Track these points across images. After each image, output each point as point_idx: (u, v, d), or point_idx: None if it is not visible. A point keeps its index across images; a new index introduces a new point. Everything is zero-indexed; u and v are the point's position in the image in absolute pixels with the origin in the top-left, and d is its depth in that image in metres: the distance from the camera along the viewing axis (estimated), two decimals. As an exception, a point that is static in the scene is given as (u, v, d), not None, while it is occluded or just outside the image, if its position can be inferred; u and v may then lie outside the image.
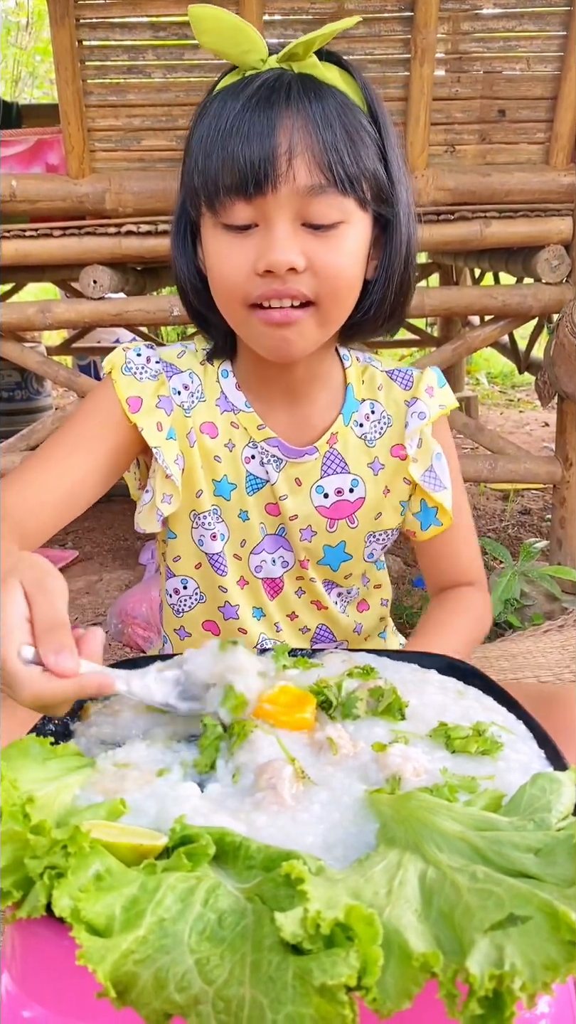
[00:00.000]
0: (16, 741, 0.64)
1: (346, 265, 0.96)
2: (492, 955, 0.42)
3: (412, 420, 1.13)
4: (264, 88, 0.91)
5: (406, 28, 2.02)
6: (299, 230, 0.92)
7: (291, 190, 0.90)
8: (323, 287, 0.95)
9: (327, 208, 0.92)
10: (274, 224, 0.91)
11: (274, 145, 0.89)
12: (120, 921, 0.47)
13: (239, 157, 0.90)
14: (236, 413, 1.11)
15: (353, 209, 0.94)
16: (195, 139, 0.96)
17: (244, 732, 0.67)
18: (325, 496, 1.13)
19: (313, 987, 0.42)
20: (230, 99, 0.93)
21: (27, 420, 3.57)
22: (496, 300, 2.18)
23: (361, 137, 0.93)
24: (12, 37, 8.94)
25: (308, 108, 0.90)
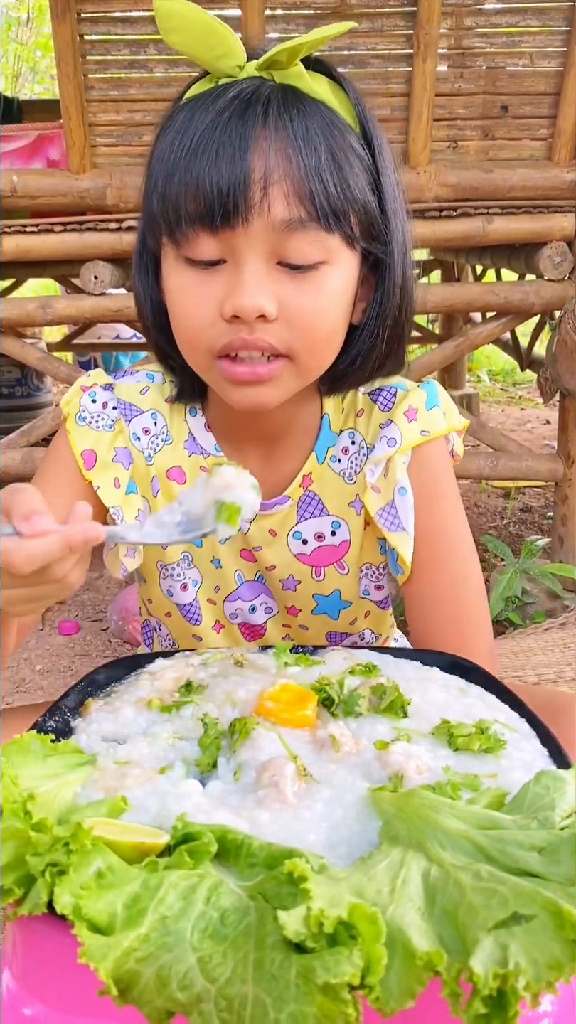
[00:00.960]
0: (17, 738, 0.63)
1: (325, 313, 0.84)
2: (496, 954, 0.42)
3: (380, 445, 0.97)
4: (239, 100, 0.79)
5: (409, 23, 2.01)
6: (273, 270, 0.81)
7: (265, 224, 0.78)
8: (298, 338, 0.83)
9: (307, 246, 0.80)
10: (244, 262, 0.80)
11: (247, 170, 0.77)
12: (122, 919, 0.47)
13: (205, 181, 0.77)
14: (205, 456, 1.02)
15: (338, 247, 0.82)
16: (156, 156, 0.84)
17: (246, 730, 0.67)
18: (304, 543, 1.02)
19: (316, 986, 0.41)
20: (199, 111, 0.80)
21: (27, 416, 3.56)
22: (498, 297, 2.18)
23: (350, 162, 0.81)
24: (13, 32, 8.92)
25: (289, 126, 0.78)
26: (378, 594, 1.08)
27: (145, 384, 1.03)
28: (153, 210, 0.84)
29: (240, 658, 0.83)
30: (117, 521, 0.98)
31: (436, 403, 1.00)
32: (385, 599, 1.10)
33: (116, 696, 0.77)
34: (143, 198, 0.89)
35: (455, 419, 1.02)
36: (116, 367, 4.73)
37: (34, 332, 4.48)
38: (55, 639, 2.31)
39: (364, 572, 1.06)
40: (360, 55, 2.04)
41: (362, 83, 2.06)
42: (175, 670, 0.82)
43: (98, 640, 2.30)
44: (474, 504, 3.21)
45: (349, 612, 1.08)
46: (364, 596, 1.08)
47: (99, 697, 0.79)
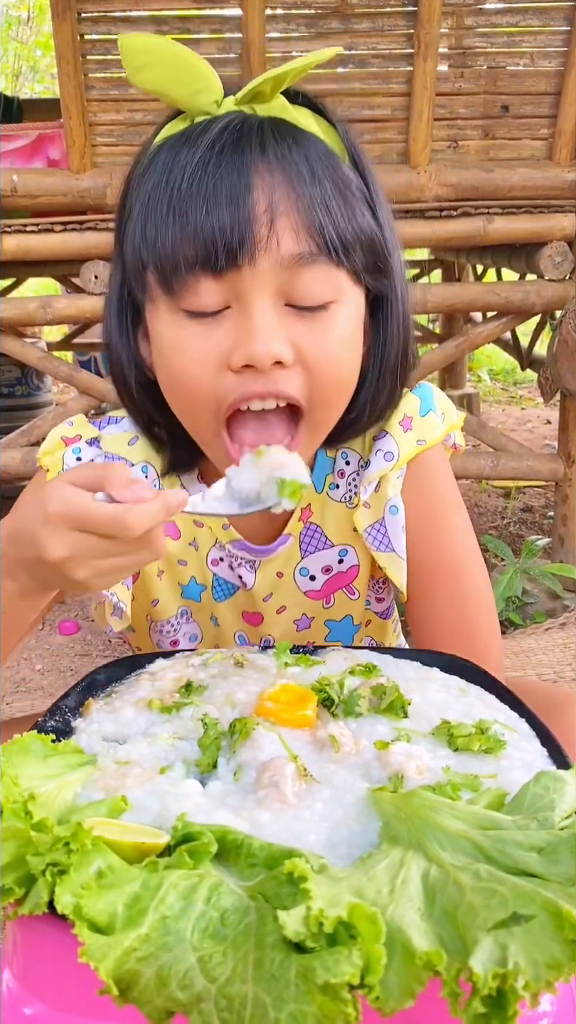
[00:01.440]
0: (17, 738, 0.63)
1: (343, 356, 0.78)
2: (496, 954, 0.42)
3: (375, 460, 0.91)
4: (229, 131, 0.73)
5: (409, 23, 2.01)
6: (282, 312, 0.75)
7: (273, 261, 0.72)
8: (316, 386, 0.77)
9: (316, 283, 0.74)
10: (252, 305, 0.73)
11: (251, 204, 0.71)
12: (122, 919, 0.47)
13: (204, 223, 0.71)
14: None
15: (346, 284, 0.77)
16: (138, 202, 0.77)
17: (246, 730, 0.67)
18: (312, 579, 0.97)
19: (316, 985, 0.41)
20: (183, 149, 0.74)
21: (27, 416, 3.57)
22: (499, 296, 2.18)
23: (352, 193, 0.77)
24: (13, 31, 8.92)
25: (289, 155, 0.72)
26: (379, 605, 1.05)
27: (133, 434, 0.95)
28: (140, 261, 0.77)
29: (240, 658, 0.83)
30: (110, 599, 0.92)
31: (431, 408, 0.94)
32: (387, 610, 1.07)
33: (116, 696, 0.77)
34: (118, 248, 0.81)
35: (453, 417, 0.98)
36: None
37: (34, 331, 4.48)
38: (55, 639, 2.32)
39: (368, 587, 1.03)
40: (361, 55, 2.04)
41: (363, 83, 2.06)
42: (175, 670, 0.82)
43: (98, 640, 2.30)
44: (474, 504, 3.21)
45: (360, 635, 1.05)
46: (366, 607, 1.05)
47: (99, 697, 0.79)
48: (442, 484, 0.95)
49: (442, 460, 0.97)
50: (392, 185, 2.11)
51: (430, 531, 0.93)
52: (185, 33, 2.03)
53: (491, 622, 0.96)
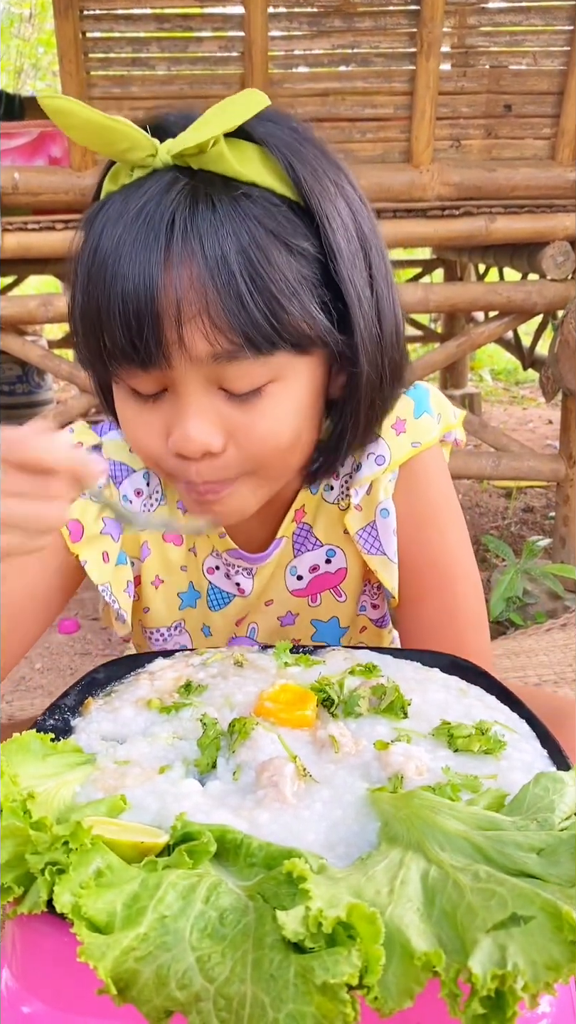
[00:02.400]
0: (17, 737, 0.63)
1: (280, 431, 0.77)
2: (495, 955, 0.42)
3: (367, 464, 0.90)
4: (143, 220, 0.69)
5: (412, 22, 2.01)
6: (215, 396, 0.74)
7: (190, 360, 0.71)
8: (252, 460, 0.77)
9: (245, 374, 0.72)
10: (181, 396, 0.74)
11: (155, 309, 0.68)
12: (121, 918, 0.47)
13: (119, 321, 0.70)
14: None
15: (284, 362, 0.74)
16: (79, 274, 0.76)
17: (245, 730, 0.67)
18: (299, 578, 0.98)
19: (315, 985, 0.41)
20: (110, 225, 0.72)
21: (28, 414, 3.57)
22: (501, 296, 2.17)
23: (280, 270, 0.70)
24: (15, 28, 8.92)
25: (201, 247, 0.68)
26: (375, 612, 1.05)
27: None
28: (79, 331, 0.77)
29: (240, 658, 0.83)
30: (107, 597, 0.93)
31: (426, 410, 0.92)
32: (382, 618, 1.06)
33: (116, 695, 0.77)
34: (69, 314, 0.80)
35: (450, 417, 0.96)
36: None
37: (35, 329, 4.49)
38: (55, 637, 2.32)
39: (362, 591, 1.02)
40: (363, 53, 2.04)
41: (365, 81, 2.06)
42: (175, 670, 0.82)
43: (98, 639, 2.31)
44: (475, 504, 3.21)
45: (347, 638, 1.04)
46: (360, 612, 1.04)
47: (99, 696, 0.79)
48: (436, 489, 0.93)
49: (439, 463, 0.95)
50: (394, 184, 2.11)
51: (422, 537, 0.92)
52: (187, 31, 2.03)
53: (480, 637, 0.94)
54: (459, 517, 0.95)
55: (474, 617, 0.94)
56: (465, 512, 1.00)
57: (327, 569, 0.99)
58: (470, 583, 0.94)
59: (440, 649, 0.87)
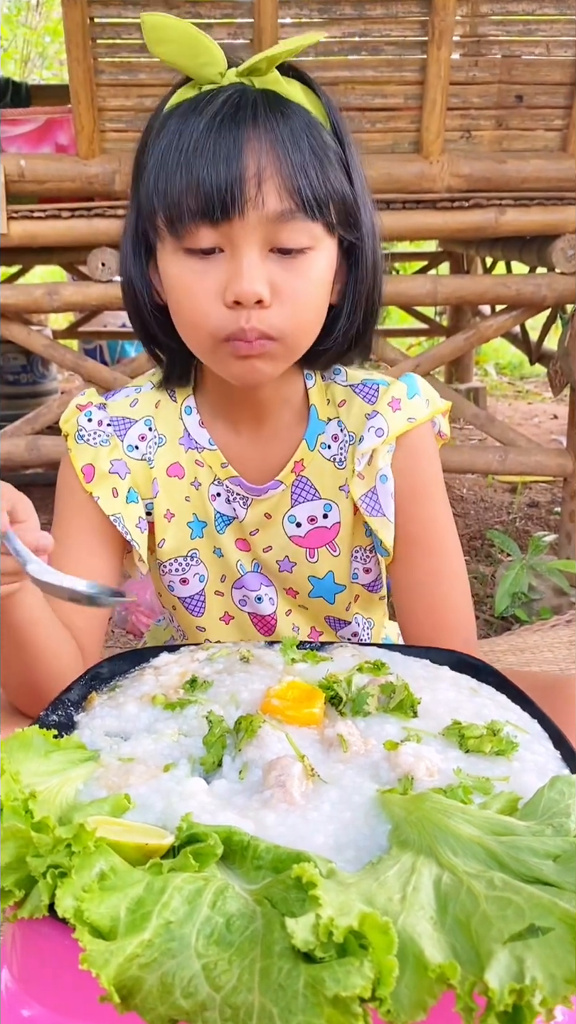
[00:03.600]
0: (18, 732, 0.62)
1: (313, 292, 0.92)
2: (512, 968, 0.41)
3: (368, 436, 1.03)
4: (228, 105, 0.86)
5: (424, 9, 1.98)
6: (266, 257, 0.88)
7: (260, 216, 0.85)
8: (290, 318, 0.90)
9: (296, 234, 0.87)
10: (241, 251, 0.87)
11: (242, 168, 0.84)
12: (125, 923, 0.45)
13: (205, 180, 0.85)
14: (200, 451, 1.07)
15: (321, 235, 0.90)
16: (152, 158, 0.91)
17: (252, 728, 0.66)
18: (298, 525, 1.08)
19: (326, 997, 0.40)
20: (191, 115, 0.87)
21: (33, 404, 3.55)
22: (510, 289, 2.15)
23: (328, 158, 0.89)
24: (22, 16, 8.87)
25: (276, 128, 0.86)
26: (366, 577, 1.13)
27: (134, 397, 1.10)
28: (152, 206, 0.90)
29: (246, 654, 0.81)
30: (120, 528, 1.03)
31: (417, 392, 1.05)
32: (374, 582, 1.14)
33: (120, 691, 0.76)
34: (134, 193, 0.95)
35: (438, 402, 1.08)
36: (122, 355, 4.71)
37: (40, 319, 4.46)
38: (58, 628, 2.30)
39: (354, 555, 1.11)
40: (374, 41, 2.02)
41: (375, 70, 2.04)
42: (180, 665, 0.81)
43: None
44: (481, 499, 3.19)
45: (344, 596, 1.12)
46: (354, 580, 1.12)
47: (103, 691, 0.78)
48: (427, 465, 1.06)
49: (430, 442, 1.07)
50: (403, 175, 2.08)
51: (414, 508, 1.04)
52: (196, 18, 2.00)
53: (463, 599, 1.06)
54: (446, 496, 1.08)
55: (459, 585, 1.06)
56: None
57: (323, 523, 1.08)
58: (456, 557, 1.07)
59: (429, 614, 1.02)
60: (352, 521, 1.08)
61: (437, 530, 1.05)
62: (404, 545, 1.04)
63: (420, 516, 1.04)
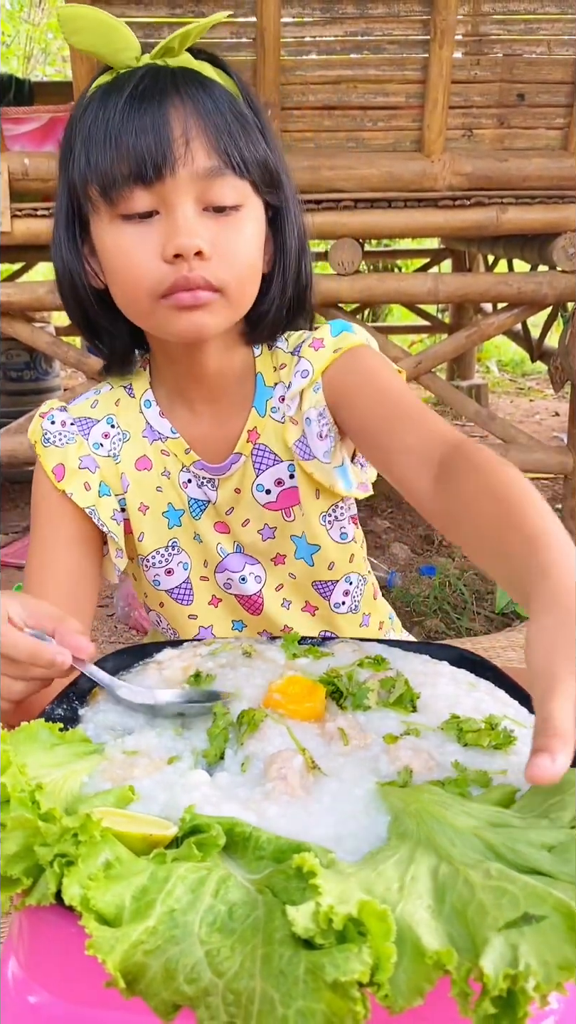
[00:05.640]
0: (24, 726, 0.63)
1: (248, 248, 0.95)
2: (507, 954, 0.42)
3: (295, 381, 1.05)
4: (148, 78, 0.90)
5: (425, 8, 1.99)
6: (200, 215, 0.91)
7: (190, 173, 0.89)
8: (229, 272, 0.93)
9: (227, 190, 0.91)
10: (176, 208, 0.90)
11: (169, 129, 0.88)
12: (130, 911, 0.46)
13: (135, 145, 0.88)
14: (164, 441, 1.09)
15: (249, 193, 0.94)
16: (78, 138, 0.94)
17: (254, 722, 0.67)
18: (267, 492, 1.11)
19: (325, 982, 0.41)
20: (112, 93, 0.91)
21: (36, 400, 3.57)
22: (511, 287, 2.16)
23: (249, 124, 0.94)
24: (24, 13, 8.86)
25: (196, 96, 0.90)
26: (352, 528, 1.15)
27: (94, 399, 1.12)
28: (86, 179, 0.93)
29: (249, 648, 0.82)
30: (95, 520, 1.05)
31: (345, 328, 1.06)
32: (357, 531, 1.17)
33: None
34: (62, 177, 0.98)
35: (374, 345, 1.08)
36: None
37: (43, 316, 4.47)
38: (61, 624, 2.32)
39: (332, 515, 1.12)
40: (376, 40, 2.02)
41: (377, 69, 2.04)
42: (183, 659, 0.82)
43: (104, 626, 2.31)
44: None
45: (320, 557, 1.13)
46: (342, 541, 1.13)
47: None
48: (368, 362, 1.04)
49: (371, 356, 1.05)
50: (405, 173, 2.09)
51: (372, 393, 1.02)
52: (199, 17, 2.01)
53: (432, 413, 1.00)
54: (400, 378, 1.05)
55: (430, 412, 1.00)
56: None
57: (291, 484, 1.10)
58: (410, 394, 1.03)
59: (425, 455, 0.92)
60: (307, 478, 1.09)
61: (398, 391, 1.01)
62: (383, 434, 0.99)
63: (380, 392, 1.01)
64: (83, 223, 0.98)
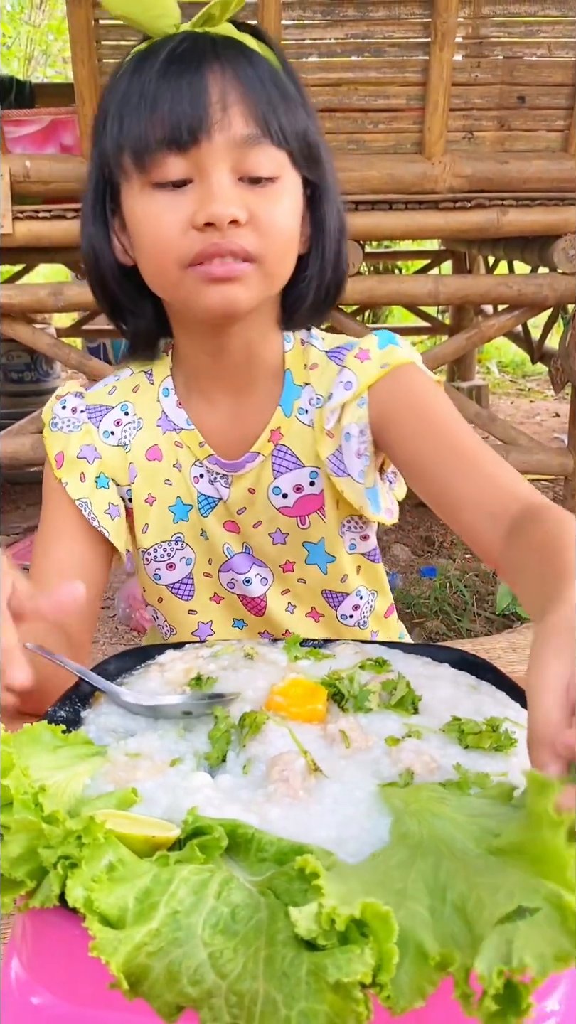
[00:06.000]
0: (27, 728, 0.63)
1: (286, 221, 0.91)
2: (501, 949, 0.42)
3: (336, 391, 0.99)
4: (187, 43, 0.87)
5: (426, 11, 1.99)
6: (237, 184, 0.87)
7: (227, 139, 0.85)
8: (265, 243, 0.88)
9: (264, 160, 0.87)
10: (211, 175, 0.86)
11: (207, 94, 0.85)
12: (133, 913, 0.47)
13: (171, 109, 0.85)
14: (178, 432, 1.05)
15: (287, 164, 0.90)
16: (113, 104, 0.90)
17: (256, 724, 0.67)
18: (284, 496, 1.05)
19: (327, 984, 0.41)
20: (148, 58, 0.88)
21: (37, 402, 3.57)
22: (512, 289, 2.16)
23: (290, 96, 0.90)
24: (25, 15, 8.87)
25: (236, 63, 0.87)
26: (364, 545, 1.11)
27: (112, 385, 1.09)
28: (119, 146, 0.89)
29: (250, 651, 0.82)
30: (85, 513, 1.02)
31: (391, 341, 1.01)
32: (374, 550, 1.13)
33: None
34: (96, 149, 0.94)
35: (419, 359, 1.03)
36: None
37: (44, 318, 4.48)
38: (62, 626, 2.32)
39: (347, 526, 1.08)
40: (376, 43, 2.03)
41: (378, 71, 2.05)
42: (185, 662, 0.82)
43: (106, 627, 2.31)
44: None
45: (336, 567, 1.09)
46: (351, 551, 1.10)
47: (109, 688, 0.79)
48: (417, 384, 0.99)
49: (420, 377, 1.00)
50: (406, 175, 2.10)
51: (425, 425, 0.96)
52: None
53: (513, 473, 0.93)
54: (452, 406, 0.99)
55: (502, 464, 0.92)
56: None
57: (311, 491, 1.05)
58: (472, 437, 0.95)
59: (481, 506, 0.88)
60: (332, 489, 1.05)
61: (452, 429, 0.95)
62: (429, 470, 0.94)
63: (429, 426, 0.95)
64: (114, 196, 0.94)
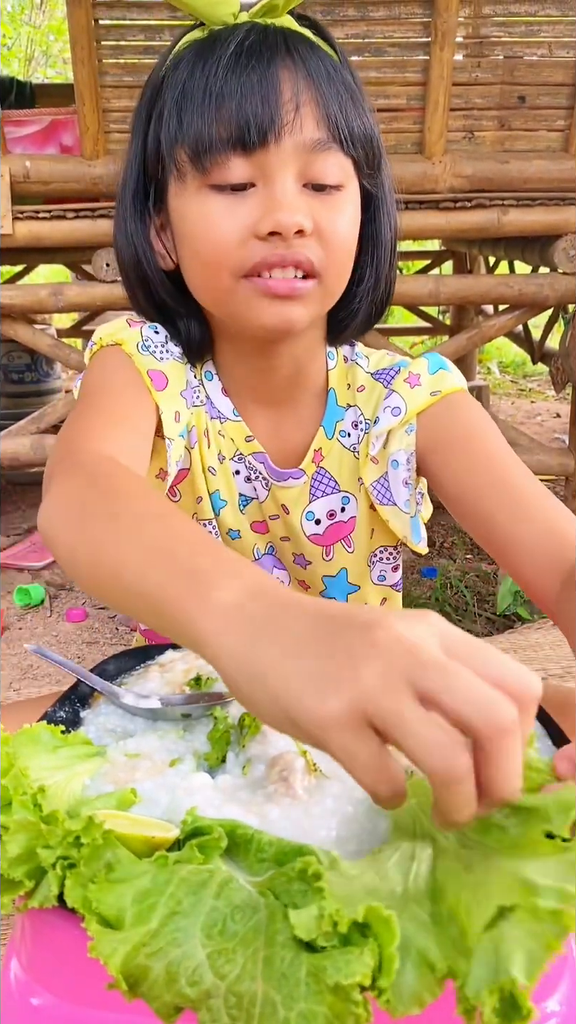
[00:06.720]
0: (26, 728, 0.63)
1: (349, 232, 0.87)
2: (491, 963, 0.41)
3: (383, 416, 0.95)
4: (255, 34, 0.81)
5: (426, 11, 1.99)
6: (301, 191, 0.82)
7: (296, 143, 0.80)
8: (329, 255, 0.84)
9: (331, 167, 0.83)
10: (276, 180, 0.81)
11: (279, 93, 0.79)
12: (132, 913, 0.46)
13: (239, 107, 0.79)
14: (223, 422, 0.98)
15: (351, 173, 0.86)
16: (168, 97, 0.84)
17: (255, 724, 0.67)
18: (316, 522, 1.01)
19: (327, 985, 0.41)
20: (211, 50, 0.82)
21: (37, 403, 3.57)
22: (512, 289, 2.16)
23: (357, 97, 0.86)
24: (26, 15, 8.88)
25: (307, 60, 0.81)
26: (393, 576, 1.07)
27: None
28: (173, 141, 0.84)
29: (250, 651, 0.82)
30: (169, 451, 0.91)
31: (441, 366, 0.97)
32: (399, 581, 1.09)
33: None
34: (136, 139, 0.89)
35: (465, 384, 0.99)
36: (126, 354, 4.73)
37: (44, 319, 4.48)
38: (62, 626, 2.32)
39: (378, 556, 1.04)
40: (377, 43, 2.03)
41: (378, 71, 2.05)
42: (185, 662, 0.82)
43: (106, 628, 2.31)
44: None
45: (358, 597, 1.06)
46: (379, 582, 1.06)
47: (109, 688, 0.79)
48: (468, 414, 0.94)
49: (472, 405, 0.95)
50: (406, 175, 2.09)
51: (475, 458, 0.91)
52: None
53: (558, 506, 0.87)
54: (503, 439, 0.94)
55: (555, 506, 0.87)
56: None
57: (341, 517, 1.02)
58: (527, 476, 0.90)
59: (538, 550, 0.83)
60: (369, 516, 1.01)
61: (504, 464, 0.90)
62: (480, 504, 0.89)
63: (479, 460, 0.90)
64: (159, 194, 0.88)
